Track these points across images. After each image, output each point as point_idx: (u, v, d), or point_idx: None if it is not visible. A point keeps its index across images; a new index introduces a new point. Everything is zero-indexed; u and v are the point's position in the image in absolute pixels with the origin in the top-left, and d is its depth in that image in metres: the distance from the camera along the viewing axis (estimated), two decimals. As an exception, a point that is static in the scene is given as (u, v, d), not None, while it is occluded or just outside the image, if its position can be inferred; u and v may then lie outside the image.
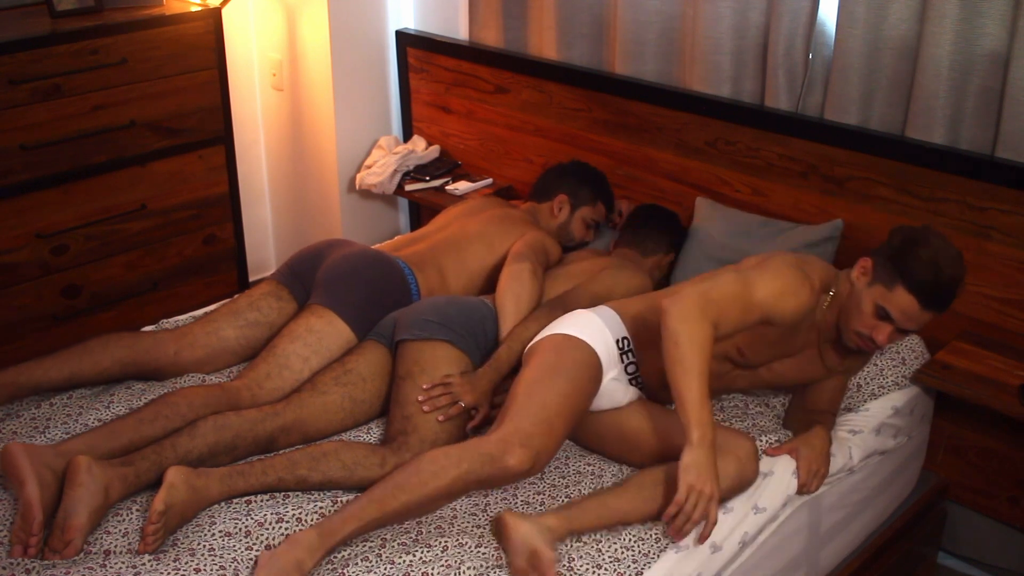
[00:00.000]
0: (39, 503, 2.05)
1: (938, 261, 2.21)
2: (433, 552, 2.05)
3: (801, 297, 2.27)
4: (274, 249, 4.28)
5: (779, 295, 2.24)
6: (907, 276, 2.20)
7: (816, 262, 2.41)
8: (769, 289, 2.24)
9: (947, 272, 2.21)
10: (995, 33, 2.58)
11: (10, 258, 3.21)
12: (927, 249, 2.22)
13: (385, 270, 2.70)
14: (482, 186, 3.68)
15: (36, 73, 3.12)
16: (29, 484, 2.06)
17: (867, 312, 2.25)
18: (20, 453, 2.11)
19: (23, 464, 2.09)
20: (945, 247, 2.25)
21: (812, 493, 2.35)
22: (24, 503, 2.06)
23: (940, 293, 2.22)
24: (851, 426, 2.54)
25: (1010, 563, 2.86)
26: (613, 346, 2.37)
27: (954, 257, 2.24)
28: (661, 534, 2.11)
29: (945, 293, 2.23)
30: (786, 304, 2.25)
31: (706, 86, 3.12)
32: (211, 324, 2.62)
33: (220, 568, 2.01)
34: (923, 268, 2.20)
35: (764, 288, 2.24)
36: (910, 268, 2.20)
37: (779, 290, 2.25)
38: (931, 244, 2.23)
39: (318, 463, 2.25)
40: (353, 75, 3.82)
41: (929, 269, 2.20)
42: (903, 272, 2.21)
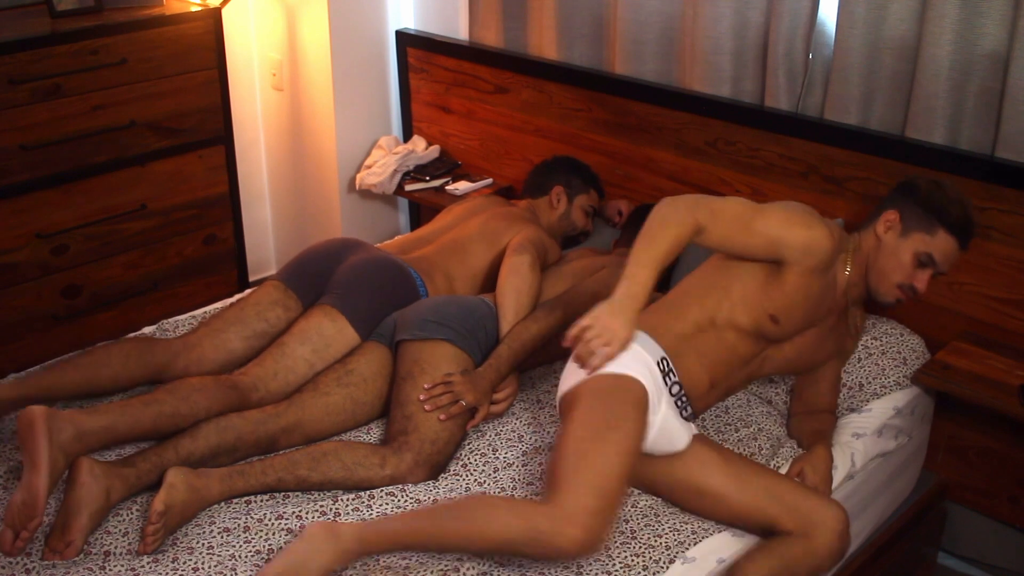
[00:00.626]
0: (44, 500, 2.03)
1: (963, 200, 2.30)
2: (431, 552, 2.05)
3: (814, 230, 2.19)
4: (274, 249, 4.28)
5: (786, 223, 2.18)
6: (946, 218, 2.25)
7: (828, 219, 2.31)
8: (776, 218, 2.19)
9: (972, 209, 2.31)
10: (995, 33, 2.58)
11: (10, 258, 3.21)
12: (952, 190, 2.30)
13: (398, 278, 2.69)
14: (482, 186, 3.68)
15: (36, 73, 3.12)
16: (42, 473, 2.04)
17: (907, 263, 2.27)
18: (41, 427, 2.08)
19: (41, 446, 2.06)
20: (953, 187, 2.34)
21: None
22: (31, 493, 2.03)
23: (971, 230, 2.30)
24: (854, 428, 2.54)
25: (1010, 563, 2.86)
26: (656, 370, 2.18)
27: (967, 198, 2.34)
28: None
29: (974, 229, 2.31)
30: (796, 234, 2.17)
31: (706, 86, 3.12)
32: (219, 336, 2.60)
33: (219, 567, 2.01)
34: (957, 208, 2.27)
35: (770, 216, 2.19)
36: (947, 210, 2.25)
37: (786, 219, 2.19)
38: (947, 183, 2.32)
39: (318, 463, 2.25)
40: (353, 75, 3.82)
41: (961, 208, 2.28)
42: (941, 215, 2.25)
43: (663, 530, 2.16)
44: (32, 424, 2.09)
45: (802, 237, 2.18)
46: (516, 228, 2.89)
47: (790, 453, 2.42)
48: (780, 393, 2.65)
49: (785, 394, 2.65)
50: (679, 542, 2.13)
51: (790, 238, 2.17)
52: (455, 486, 2.27)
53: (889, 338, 2.77)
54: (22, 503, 2.03)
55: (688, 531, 2.17)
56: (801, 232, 2.18)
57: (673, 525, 2.18)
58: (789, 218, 2.20)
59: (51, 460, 2.07)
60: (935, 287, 2.79)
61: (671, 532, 2.16)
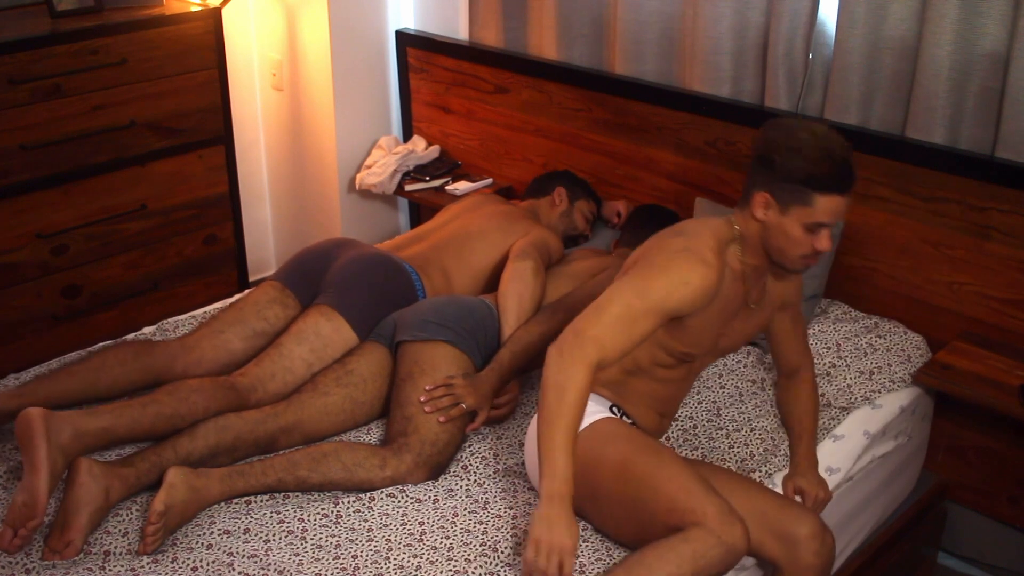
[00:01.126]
0: (45, 501, 2.03)
1: (822, 146, 2.03)
2: (439, 553, 2.06)
3: (693, 277, 2.05)
4: (274, 249, 4.28)
5: (665, 292, 2.04)
6: (813, 182, 2.02)
7: (698, 225, 2.18)
8: (656, 291, 2.04)
9: (836, 147, 2.04)
10: (995, 33, 2.58)
11: (10, 258, 3.21)
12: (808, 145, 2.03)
13: (393, 274, 2.69)
14: (482, 186, 3.68)
15: (36, 73, 3.12)
16: (42, 474, 2.04)
17: (799, 236, 2.07)
18: (39, 429, 2.08)
19: (40, 447, 2.06)
20: (808, 128, 2.07)
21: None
22: (32, 494, 2.03)
23: (846, 171, 2.05)
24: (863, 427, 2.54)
25: (1010, 563, 2.86)
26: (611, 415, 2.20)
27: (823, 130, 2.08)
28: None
29: (849, 167, 2.05)
30: (680, 296, 2.04)
31: (706, 86, 3.12)
32: (218, 336, 2.60)
33: (218, 567, 2.01)
34: (822, 165, 2.02)
35: (651, 293, 2.03)
36: (812, 174, 2.02)
37: (664, 287, 2.04)
38: (799, 136, 2.05)
39: (318, 464, 2.25)
40: (353, 75, 3.82)
41: (826, 162, 2.02)
42: (807, 181, 2.02)
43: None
44: (30, 426, 2.09)
45: (687, 295, 2.05)
46: (517, 227, 2.89)
47: (783, 462, 2.40)
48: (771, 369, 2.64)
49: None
50: None
51: (676, 303, 2.05)
52: (455, 487, 2.27)
53: (892, 337, 2.78)
54: (23, 504, 2.03)
55: None
56: (683, 291, 2.04)
57: None
58: (667, 285, 2.04)
59: (50, 461, 2.07)
60: (935, 287, 2.79)
61: None
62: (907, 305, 2.86)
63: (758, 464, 2.39)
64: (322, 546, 2.08)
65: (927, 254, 2.79)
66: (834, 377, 2.66)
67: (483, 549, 2.07)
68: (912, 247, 2.82)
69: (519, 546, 2.09)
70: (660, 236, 2.17)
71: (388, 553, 2.06)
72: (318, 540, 2.09)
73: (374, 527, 2.14)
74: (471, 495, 2.25)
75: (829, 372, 2.67)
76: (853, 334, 2.79)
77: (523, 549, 1.92)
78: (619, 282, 2.08)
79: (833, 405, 2.59)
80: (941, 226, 2.75)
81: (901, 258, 2.84)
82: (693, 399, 2.57)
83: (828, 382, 2.64)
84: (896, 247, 2.85)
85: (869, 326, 2.83)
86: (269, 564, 2.02)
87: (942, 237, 2.76)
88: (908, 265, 2.84)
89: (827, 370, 2.68)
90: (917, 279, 2.83)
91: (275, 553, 2.05)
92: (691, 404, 2.55)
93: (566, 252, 3.01)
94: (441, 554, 2.06)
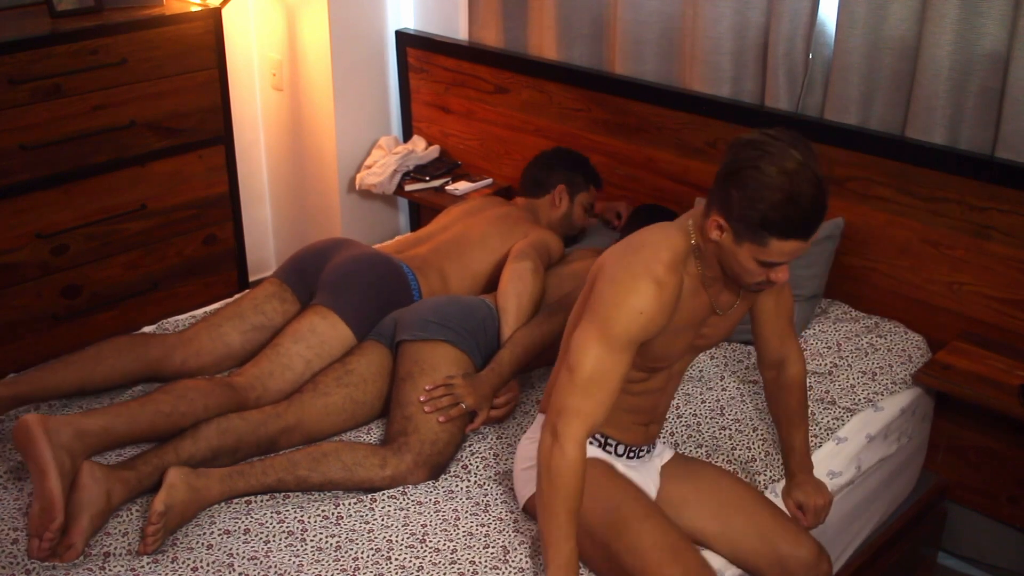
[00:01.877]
0: (62, 501, 2.03)
1: (788, 188, 1.78)
2: (443, 555, 2.06)
3: (648, 305, 1.90)
4: (274, 249, 4.28)
5: (627, 325, 1.91)
6: (770, 226, 1.81)
7: (654, 236, 2.00)
8: (616, 329, 1.91)
9: (804, 190, 1.79)
10: (995, 33, 2.58)
11: (10, 258, 3.21)
12: (765, 182, 1.79)
13: (388, 273, 2.69)
14: (482, 186, 3.68)
15: (36, 73, 3.12)
16: (51, 476, 2.03)
17: (752, 267, 1.89)
18: (39, 432, 2.06)
19: (43, 450, 2.05)
20: (779, 159, 1.80)
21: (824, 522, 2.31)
22: (47, 498, 2.02)
23: (810, 218, 1.82)
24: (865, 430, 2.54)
25: (1010, 563, 2.86)
26: (594, 448, 2.13)
27: (795, 165, 1.80)
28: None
29: (816, 213, 1.82)
30: (641, 324, 1.91)
31: (706, 86, 3.12)
32: (216, 330, 2.61)
33: (218, 568, 2.01)
34: (779, 208, 1.79)
35: (612, 334, 1.91)
36: (768, 217, 1.80)
37: (624, 321, 1.90)
38: (764, 171, 1.79)
39: (318, 463, 2.25)
40: (353, 75, 3.82)
41: (785, 205, 1.79)
42: (763, 224, 1.81)
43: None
44: (29, 431, 2.08)
45: (644, 324, 1.92)
46: (517, 231, 2.89)
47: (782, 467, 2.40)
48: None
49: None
50: None
51: (638, 333, 1.92)
52: (455, 488, 2.27)
53: (892, 337, 2.78)
54: (41, 511, 2.03)
55: None
56: (640, 321, 1.91)
57: None
58: (624, 319, 1.90)
59: (57, 462, 2.06)
60: (935, 287, 2.79)
61: None
62: (907, 305, 2.86)
63: (762, 467, 2.39)
64: (322, 548, 2.07)
65: (927, 254, 2.79)
66: (836, 377, 2.66)
67: (486, 551, 2.07)
68: (912, 247, 2.82)
69: (515, 540, 2.09)
70: (615, 252, 2.00)
71: (389, 553, 2.06)
72: (318, 541, 2.09)
73: (375, 528, 2.13)
74: (472, 498, 2.25)
75: (831, 372, 2.67)
76: (854, 334, 2.80)
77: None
78: (582, 332, 1.93)
79: (837, 404, 2.59)
80: (941, 226, 2.75)
81: (901, 258, 2.84)
82: (696, 398, 2.57)
83: (831, 382, 2.64)
84: (896, 247, 2.85)
85: (869, 326, 2.83)
86: (269, 565, 2.02)
87: (942, 237, 2.76)
88: (908, 265, 2.84)
89: (828, 370, 2.68)
90: (917, 279, 2.83)
91: (275, 554, 2.05)
92: (695, 403, 2.55)
93: (566, 251, 3.01)
94: (445, 556, 2.06)
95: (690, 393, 2.58)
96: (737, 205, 1.83)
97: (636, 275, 1.92)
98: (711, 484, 2.18)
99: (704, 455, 2.40)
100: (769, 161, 1.80)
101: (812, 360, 2.72)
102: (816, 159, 1.83)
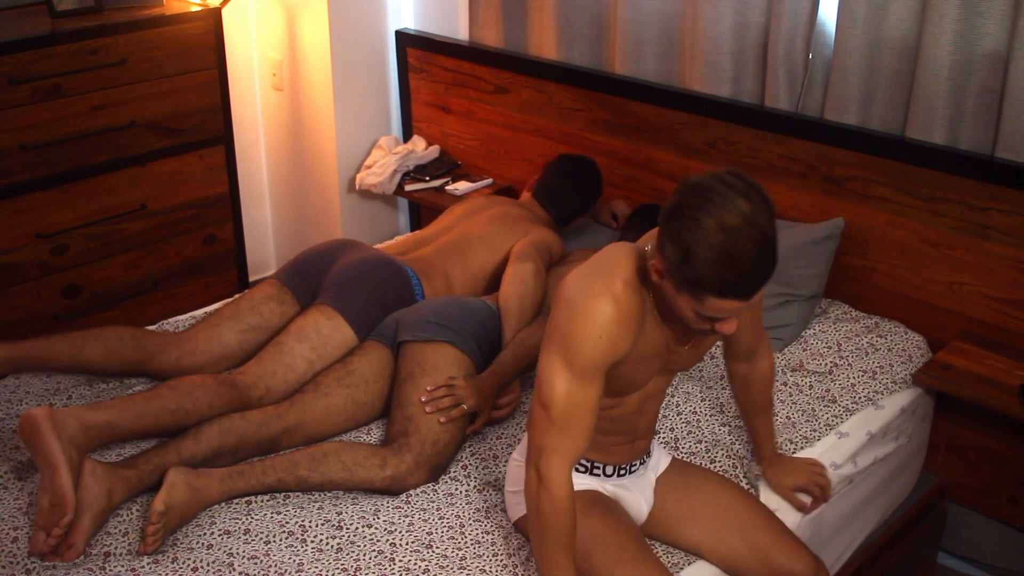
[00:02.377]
0: (73, 496, 2.02)
1: (727, 249, 1.63)
2: (451, 561, 2.06)
3: (606, 329, 1.80)
4: (274, 249, 4.28)
5: (591, 353, 1.81)
6: (706, 285, 1.67)
7: (611, 255, 1.88)
8: (581, 359, 1.81)
9: (745, 251, 1.64)
10: (995, 33, 2.58)
11: (10, 258, 3.21)
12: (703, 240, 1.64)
13: (392, 276, 2.69)
14: (482, 186, 3.68)
15: (36, 73, 3.12)
16: (62, 470, 2.03)
17: (694, 319, 1.77)
18: (47, 426, 2.06)
19: (52, 444, 2.04)
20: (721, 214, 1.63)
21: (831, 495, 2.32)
22: (58, 493, 2.02)
23: (750, 280, 1.68)
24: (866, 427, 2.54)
25: (1010, 563, 2.86)
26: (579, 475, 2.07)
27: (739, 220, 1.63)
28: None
29: (756, 277, 1.68)
30: (603, 348, 1.81)
31: (706, 86, 3.12)
32: (213, 329, 2.61)
33: (218, 568, 2.01)
34: (714, 268, 1.65)
35: (578, 364, 1.81)
36: (702, 277, 1.66)
37: (587, 349, 1.81)
38: (704, 226, 1.64)
39: (318, 464, 2.25)
40: (353, 75, 3.82)
41: (722, 267, 1.65)
42: (698, 282, 1.67)
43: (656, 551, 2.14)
44: (37, 425, 2.07)
45: (606, 348, 1.82)
46: (518, 230, 2.89)
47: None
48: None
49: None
50: (672, 564, 2.12)
51: (603, 358, 1.83)
52: (455, 490, 2.27)
53: (892, 337, 2.78)
54: (51, 505, 2.02)
55: (680, 553, 2.15)
56: (601, 345, 1.81)
57: (666, 548, 2.16)
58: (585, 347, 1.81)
59: (66, 455, 2.05)
60: (935, 287, 2.79)
61: (664, 554, 2.14)
62: (907, 305, 2.86)
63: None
64: (323, 549, 2.07)
65: (927, 254, 2.79)
66: (836, 376, 2.66)
67: (495, 559, 2.07)
68: (912, 247, 2.82)
69: (522, 549, 2.09)
70: (575, 272, 1.88)
71: (392, 554, 2.06)
72: (319, 542, 2.09)
73: (376, 528, 2.13)
74: (471, 502, 2.25)
75: (831, 371, 2.68)
76: (854, 334, 2.80)
77: None
78: (548, 364, 1.84)
79: (838, 403, 2.59)
80: (941, 226, 2.75)
81: (901, 258, 2.85)
82: (696, 396, 2.57)
83: (831, 381, 2.65)
84: (896, 247, 2.85)
85: (870, 326, 2.83)
86: (269, 565, 2.02)
87: (942, 237, 2.76)
88: (908, 265, 2.84)
89: (829, 369, 2.68)
90: (917, 279, 2.83)
91: (275, 554, 2.05)
92: (695, 400, 2.55)
93: (567, 251, 3.01)
94: (453, 563, 2.05)
95: (690, 391, 2.58)
96: (671, 258, 1.69)
97: (592, 295, 1.81)
98: (707, 499, 2.16)
99: (704, 451, 2.39)
100: (708, 213, 1.64)
101: (812, 360, 2.72)
102: (768, 212, 1.66)
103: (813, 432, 2.49)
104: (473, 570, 2.04)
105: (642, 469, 2.14)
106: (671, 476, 2.19)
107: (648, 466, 2.16)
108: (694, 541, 2.13)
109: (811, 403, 2.58)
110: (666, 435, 2.44)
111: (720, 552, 2.12)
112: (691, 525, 2.14)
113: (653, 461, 2.18)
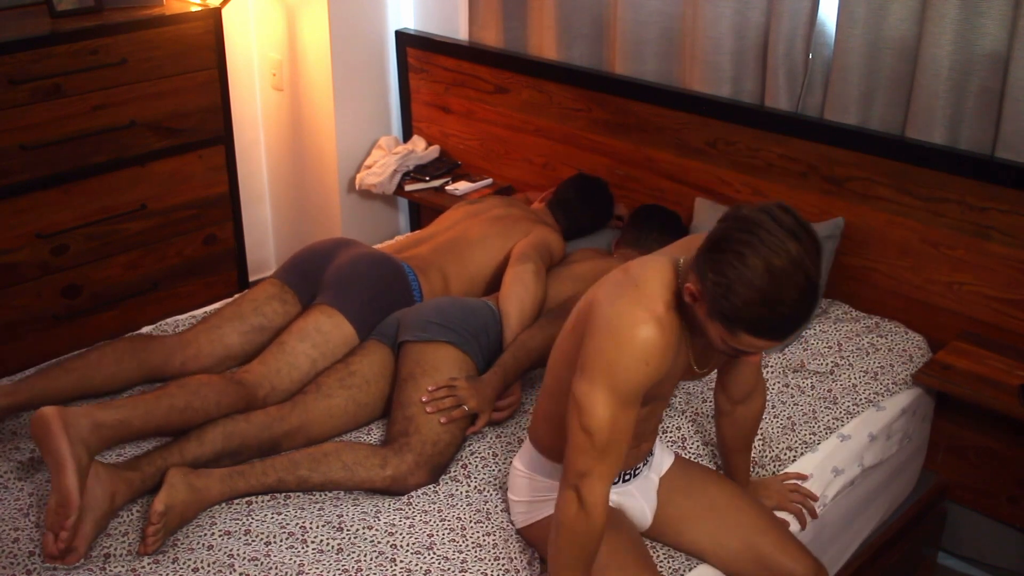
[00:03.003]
0: (78, 497, 2.02)
1: (769, 291, 1.62)
2: (451, 563, 2.06)
3: (652, 353, 1.78)
4: (274, 249, 4.28)
5: (635, 377, 1.79)
6: (742, 324, 1.66)
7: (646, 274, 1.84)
8: (625, 384, 1.79)
9: (788, 294, 1.63)
10: (995, 33, 2.58)
11: (10, 258, 3.21)
12: (745, 278, 1.63)
13: (390, 273, 2.70)
14: (482, 186, 3.68)
15: (36, 73, 3.12)
16: (69, 470, 2.02)
17: (722, 346, 1.76)
18: (58, 426, 2.05)
19: (62, 444, 2.04)
20: (767, 253, 1.62)
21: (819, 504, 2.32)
22: (63, 493, 2.02)
23: (789, 323, 1.67)
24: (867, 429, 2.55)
25: (1010, 563, 2.86)
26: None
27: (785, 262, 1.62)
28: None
29: (795, 322, 1.67)
30: (646, 373, 1.79)
31: (706, 86, 3.12)
32: (215, 331, 2.61)
33: (219, 568, 2.01)
34: (753, 309, 1.64)
35: (621, 389, 1.79)
36: (740, 316, 1.65)
37: (631, 374, 1.78)
38: (748, 263, 1.62)
39: (319, 464, 2.25)
40: (353, 75, 3.82)
41: (762, 307, 1.63)
42: (735, 319, 1.66)
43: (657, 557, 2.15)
44: (48, 425, 2.06)
45: (651, 373, 1.80)
46: (518, 231, 2.89)
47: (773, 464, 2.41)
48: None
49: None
50: (673, 569, 2.12)
51: (644, 383, 1.81)
52: (456, 491, 2.27)
53: (892, 337, 2.78)
54: (57, 505, 2.02)
55: (682, 558, 2.15)
56: (646, 371, 1.79)
57: (668, 552, 2.16)
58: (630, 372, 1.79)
59: (75, 456, 2.05)
60: (935, 287, 2.79)
61: (666, 559, 2.15)
62: (907, 305, 2.86)
63: (760, 459, 2.40)
64: (323, 550, 2.07)
65: (927, 254, 2.79)
66: (837, 377, 2.66)
67: (497, 563, 2.07)
68: (912, 247, 2.82)
69: (523, 552, 2.10)
70: (608, 292, 1.85)
71: (393, 556, 2.06)
72: (319, 543, 2.09)
73: (376, 530, 2.13)
74: (471, 503, 2.25)
75: (832, 372, 2.68)
76: (854, 334, 2.80)
77: None
78: (591, 392, 1.79)
79: (839, 404, 2.59)
80: (941, 226, 2.75)
81: (901, 258, 2.85)
82: (698, 396, 2.57)
83: (832, 381, 2.65)
84: (896, 247, 2.85)
85: (870, 326, 2.83)
86: (270, 565, 2.02)
87: (942, 237, 2.76)
88: (908, 265, 2.84)
89: (829, 369, 2.68)
90: (917, 279, 2.83)
91: (276, 555, 2.05)
92: (697, 401, 2.55)
93: (569, 252, 3.01)
94: (455, 564, 2.05)
95: (691, 392, 2.58)
96: (711, 290, 1.67)
97: (637, 322, 1.77)
98: (709, 501, 2.16)
99: (709, 452, 2.40)
100: (756, 251, 1.62)
101: (812, 360, 2.72)
102: (815, 254, 1.65)
103: (814, 436, 2.49)
104: (474, 572, 2.04)
105: (645, 470, 2.14)
106: (674, 478, 2.19)
107: (651, 466, 2.16)
108: (695, 543, 2.14)
109: (812, 405, 2.58)
110: (673, 435, 2.44)
111: (721, 555, 2.13)
112: (693, 528, 2.14)
113: (656, 461, 2.18)
